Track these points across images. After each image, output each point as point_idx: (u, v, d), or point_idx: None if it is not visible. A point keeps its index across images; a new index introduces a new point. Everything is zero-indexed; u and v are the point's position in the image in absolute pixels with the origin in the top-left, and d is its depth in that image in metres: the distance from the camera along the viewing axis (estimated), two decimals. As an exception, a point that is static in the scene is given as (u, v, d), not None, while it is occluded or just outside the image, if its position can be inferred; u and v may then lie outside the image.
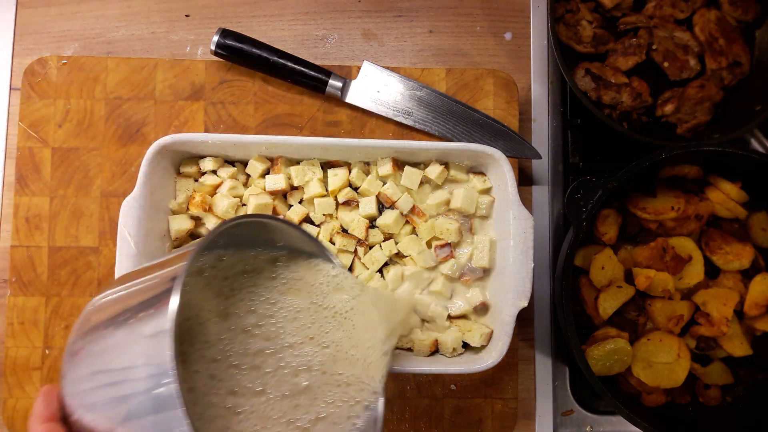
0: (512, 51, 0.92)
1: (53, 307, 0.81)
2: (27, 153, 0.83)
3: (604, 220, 0.82)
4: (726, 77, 0.88)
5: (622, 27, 0.89)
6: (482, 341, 0.76)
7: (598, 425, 0.88)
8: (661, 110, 0.88)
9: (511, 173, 0.76)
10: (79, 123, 0.83)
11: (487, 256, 0.78)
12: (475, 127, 0.85)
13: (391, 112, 0.85)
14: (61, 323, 0.81)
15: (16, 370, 0.80)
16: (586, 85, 0.86)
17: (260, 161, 0.78)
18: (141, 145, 0.83)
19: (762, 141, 0.90)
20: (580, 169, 0.89)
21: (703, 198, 0.83)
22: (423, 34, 0.92)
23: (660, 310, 0.80)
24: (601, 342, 0.79)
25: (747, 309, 0.80)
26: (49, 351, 0.80)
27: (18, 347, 0.80)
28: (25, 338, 0.80)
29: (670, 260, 0.79)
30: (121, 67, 0.85)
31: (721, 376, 0.82)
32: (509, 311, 0.74)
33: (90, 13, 0.89)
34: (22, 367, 0.80)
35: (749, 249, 0.81)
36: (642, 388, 0.81)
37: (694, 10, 0.89)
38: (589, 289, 0.81)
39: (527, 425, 0.86)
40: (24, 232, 0.82)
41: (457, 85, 0.87)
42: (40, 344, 0.80)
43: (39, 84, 0.84)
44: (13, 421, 0.79)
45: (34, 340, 0.80)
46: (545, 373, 0.87)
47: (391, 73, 0.86)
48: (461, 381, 0.84)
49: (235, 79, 0.86)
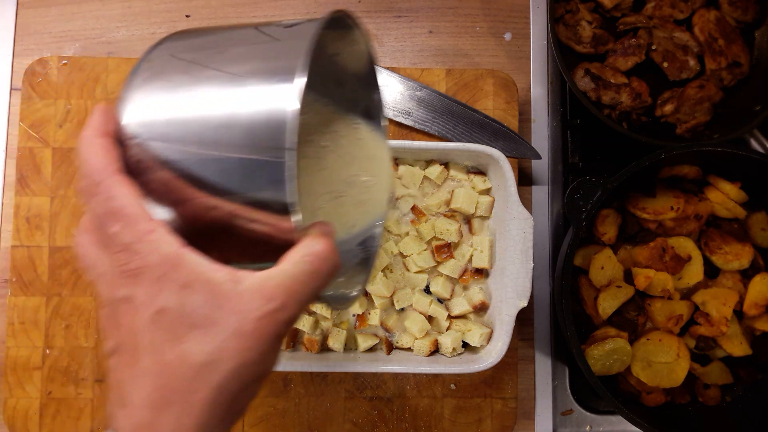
0: (512, 51, 0.93)
1: (54, 307, 0.81)
2: (27, 153, 0.83)
3: (604, 220, 0.82)
4: (725, 77, 0.88)
5: (622, 27, 0.90)
6: (482, 341, 0.76)
7: (598, 425, 0.88)
8: (660, 110, 0.88)
9: (511, 173, 0.76)
10: (79, 123, 0.84)
11: (487, 257, 0.78)
12: (475, 127, 0.85)
13: (391, 113, 0.85)
14: (62, 323, 0.81)
15: (17, 369, 0.80)
16: (586, 85, 0.86)
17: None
18: (141, 145, 0.83)
19: (761, 141, 0.90)
20: (579, 169, 0.89)
21: (702, 198, 0.83)
22: (423, 35, 0.92)
23: (659, 309, 0.80)
24: (601, 342, 0.79)
25: (746, 309, 0.80)
26: (50, 351, 0.81)
27: (18, 347, 0.80)
28: (25, 338, 0.80)
29: (670, 260, 0.79)
30: (122, 67, 0.85)
31: (721, 375, 0.83)
32: (509, 311, 0.74)
33: (90, 13, 0.89)
34: (22, 366, 0.80)
35: (749, 249, 0.81)
36: (641, 388, 0.81)
37: (693, 10, 0.89)
38: (588, 288, 0.82)
39: (527, 425, 0.86)
40: (24, 232, 0.82)
41: (457, 86, 0.88)
42: (40, 344, 0.81)
43: (39, 84, 0.84)
44: (13, 421, 0.79)
45: (35, 340, 0.81)
46: (545, 372, 0.87)
47: (391, 73, 0.86)
48: (461, 381, 0.84)
49: (235, 79, 0.86)
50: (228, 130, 0.40)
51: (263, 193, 0.39)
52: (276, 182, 0.38)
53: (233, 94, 0.41)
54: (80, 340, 0.81)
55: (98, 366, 0.81)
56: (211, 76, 0.42)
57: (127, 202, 0.39)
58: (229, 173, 0.40)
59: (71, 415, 0.80)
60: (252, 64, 0.42)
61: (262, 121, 0.39)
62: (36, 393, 0.80)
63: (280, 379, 0.82)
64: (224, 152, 0.40)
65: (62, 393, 0.80)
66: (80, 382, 0.80)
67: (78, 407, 0.80)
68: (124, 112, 0.43)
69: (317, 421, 0.82)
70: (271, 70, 0.41)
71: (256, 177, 0.39)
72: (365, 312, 0.78)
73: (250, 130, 0.39)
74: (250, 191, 0.40)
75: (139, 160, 0.42)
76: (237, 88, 0.41)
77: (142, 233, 0.38)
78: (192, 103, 0.42)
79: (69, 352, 0.81)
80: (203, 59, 0.44)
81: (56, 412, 0.80)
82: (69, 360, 0.81)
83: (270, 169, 0.38)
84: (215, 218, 0.41)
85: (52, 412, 0.80)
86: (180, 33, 0.48)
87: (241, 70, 0.42)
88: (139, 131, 0.42)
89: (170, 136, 0.41)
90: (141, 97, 0.43)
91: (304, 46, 0.41)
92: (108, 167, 0.40)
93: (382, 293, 0.76)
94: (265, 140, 0.39)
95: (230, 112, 0.40)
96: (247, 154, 0.39)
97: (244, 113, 0.40)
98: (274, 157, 0.38)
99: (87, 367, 0.81)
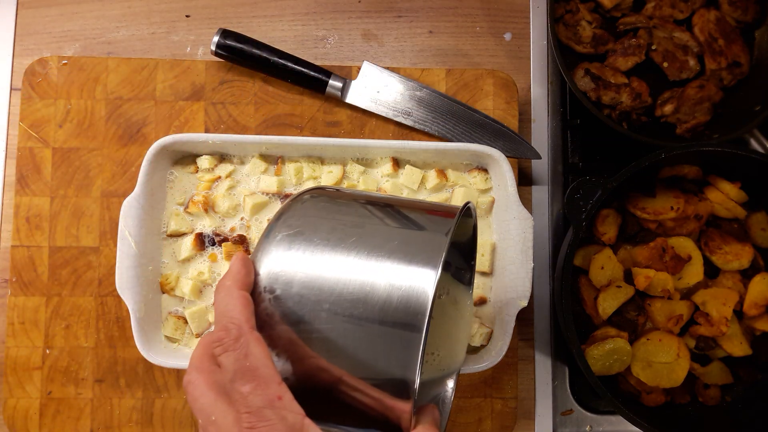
0: (512, 51, 0.93)
1: (54, 307, 0.81)
2: (27, 153, 0.83)
3: (604, 220, 0.82)
4: (725, 77, 0.88)
5: (622, 27, 0.90)
6: (482, 341, 0.76)
7: (598, 425, 0.88)
8: (660, 110, 0.88)
9: (511, 173, 0.76)
10: (79, 123, 0.84)
11: (488, 261, 0.78)
12: (475, 127, 0.85)
13: (391, 113, 0.85)
14: (62, 323, 0.81)
15: (17, 369, 0.80)
16: (586, 85, 0.86)
17: (261, 161, 0.79)
18: (141, 146, 0.83)
19: (761, 141, 0.90)
20: (579, 170, 0.89)
21: (702, 198, 0.83)
22: (423, 35, 0.92)
23: (659, 309, 0.80)
24: (601, 342, 0.79)
25: (746, 309, 0.80)
26: (50, 351, 0.81)
27: (18, 347, 0.80)
28: (25, 338, 0.80)
29: (670, 260, 0.79)
30: (122, 67, 0.85)
31: (721, 375, 0.83)
32: (509, 311, 0.74)
33: (90, 13, 0.89)
34: (22, 366, 0.80)
35: (749, 249, 0.81)
36: (641, 388, 0.81)
37: (693, 10, 0.89)
38: (588, 288, 0.82)
39: (527, 425, 0.86)
40: (24, 232, 0.82)
41: (457, 86, 0.88)
42: (40, 344, 0.81)
43: (39, 84, 0.84)
44: (13, 421, 0.79)
45: (35, 340, 0.81)
46: (545, 372, 0.87)
47: (391, 73, 0.86)
48: (461, 381, 0.84)
49: (235, 79, 0.86)
50: (364, 302, 0.42)
51: (389, 369, 0.41)
52: (403, 360, 0.40)
53: (374, 268, 0.43)
54: (80, 340, 0.81)
55: (98, 366, 0.81)
56: (352, 245, 0.44)
57: (261, 363, 0.40)
58: (357, 342, 0.42)
59: (71, 415, 0.80)
60: (393, 245, 0.44)
61: (400, 298, 0.41)
62: (36, 393, 0.80)
63: (280, 379, 0.82)
64: (357, 323, 0.42)
65: (62, 393, 0.80)
66: (80, 382, 0.80)
67: (78, 407, 0.80)
68: (262, 264, 0.45)
69: (317, 421, 0.82)
70: (412, 254, 0.43)
71: (384, 352, 0.41)
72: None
73: (385, 305, 0.41)
74: (377, 364, 0.41)
75: (270, 314, 0.43)
76: (378, 263, 0.43)
77: (272, 398, 0.39)
78: (332, 268, 0.43)
79: (69, 352, 0.81)
80: (347, 227, 0.46)
81: (56, 412, 0.80)
82: (69, 360, 0.80)
83: (399, 347, 0.40)
84: (328, 381, 0.42)
85: (52, 412, 0.80)
86: (321, 192, 0.50)
87: (383, 248, 0.44)
88: (276, 287, 0.44)
89: (306, 297, 0.43)
90: (281, 253, 0.45)
91: (441, 243, 0.43)
92: (247, 323, 0.41)
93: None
94: (400, 317, 0.41)
95: (369, 282, 0.42)
96: (378, 326, 0.41)
97: (382, 287, 0.42)
98: (405, 336, 0.40)
99: (87, 367, 0.81)
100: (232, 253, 0.77)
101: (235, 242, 0.77)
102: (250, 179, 0.79)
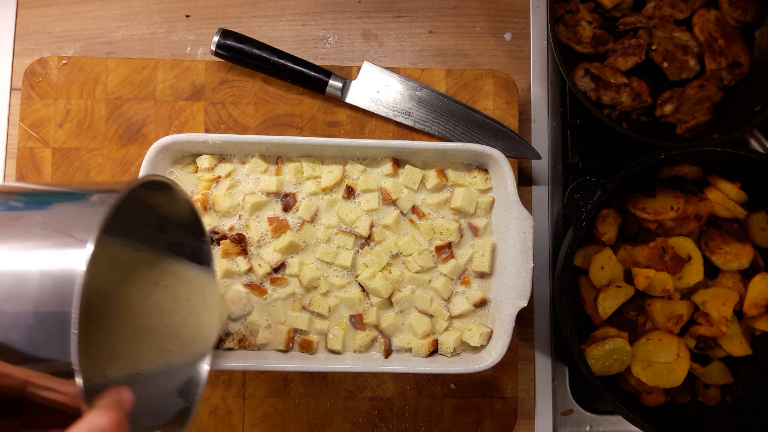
0: (512, 51, 0.93)
1: (54, 307, 0.81)
2: (28, 153, 0.83)
3: (604, 220, 0.82)
4: (725, 77, 0.88)
5: (622, 27, 0.90)
6: (482, 341, 0.76)
7: (598, 425, 0.88)
8: (660, 110, 0.88)
9: (511, 173, 0.76)
10: (79, 123, 0.84)
11: (488, 262, 0.78)
12: (475, 127, 0.85)
13: (391, 113, 0.85)
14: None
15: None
16: (586, 85, 0.86)
17: (261, 161, 0.79)
18: (141, 146, 0.84)
19: (761, 141, 0.90)
20: (579, 169, 0.89)
21: (702, 198, 0.83)
22: (423, 35, 0.92)
23: (659, 309, 0.80)
24: (601, 342, 0.79)
25: (746, 309, 0.80)
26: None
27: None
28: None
29: (670, 260, 0.79)
30: (122, 67, 0.85)
31: (721, 375, 0.83)
32: (509, 311, 0.74)
33: (90, 13, 0.89)
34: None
35: (749, 249, 0.81)
36: (641, 388, 0.81)
37: (693, 10, 0.89)
38: (588, 288, 0.82)
39: (527, 425, 0.86)
40: (24, 232, 0.82)
41: (457, 86, 0.88)
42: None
43: (39, 84, 0.84)
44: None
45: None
46: (545, 372, 0.87)
47: (391, 73, 0.86)
48: (461, 380, 0.84)
49: (235, 79, 0.86)
50: (18, 297, 0.41)
51: (49, 352, 0.39)
52: (63, 345, 0.38)
53: (25, 258, 0.42)
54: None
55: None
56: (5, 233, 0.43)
57: None
58: (19, 330, 0.40)
59: (71, 415, 0.80)
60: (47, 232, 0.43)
61: (54, 285, 0.40)
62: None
63: (280, 379, 0.82)
64: (15, 308, 0.40)
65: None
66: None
67: (78, 407, 0.80)
68: None
69: (317, 421, 0.82)
70: (67, 237, 0.42)
71: (44, 336, 0.39)
72: (362, 313, 0.78)
73: (39, 296, 0.40)
74: (38, 351, 0.39)
75: None
76: (30, 252, 0.42)
77: None
78: None
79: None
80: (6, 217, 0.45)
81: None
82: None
83: (58, 333, 0.39)
84: (16, 386, 0.40)
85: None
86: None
87: (37, 235, 0.43)
88: None
89: None
90: None
91: (95, 218, 0.42)
92: None
93: (380, 294, 0.76)
94: (55, 305, 0.40)
95: (24, 269, 0.41)
96: (36, 310, 0.40)
97: (36, 272, 0.41)
98: (62, 320, 0.39)
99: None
100: (229, 251, 0.77)
101: (233, 241, 0.77)
102: (249, 179, 0.79)
